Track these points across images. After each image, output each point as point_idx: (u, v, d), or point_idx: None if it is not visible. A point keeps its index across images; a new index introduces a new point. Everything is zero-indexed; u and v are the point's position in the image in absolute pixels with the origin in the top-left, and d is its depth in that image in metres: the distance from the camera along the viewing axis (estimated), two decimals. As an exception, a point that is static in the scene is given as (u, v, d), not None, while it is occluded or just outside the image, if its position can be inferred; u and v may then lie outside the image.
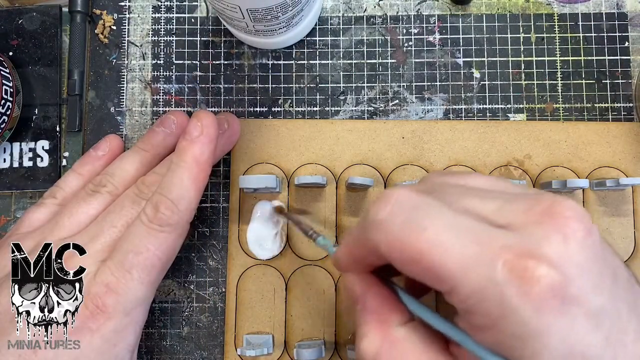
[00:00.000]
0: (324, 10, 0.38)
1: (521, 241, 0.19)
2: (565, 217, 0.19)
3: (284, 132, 0.36)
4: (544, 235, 0.19)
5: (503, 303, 0.18)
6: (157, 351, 0.35)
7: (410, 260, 0.20)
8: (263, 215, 0.35)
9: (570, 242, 0.19)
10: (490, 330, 0.19)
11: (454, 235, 0.19)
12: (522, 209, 0.20)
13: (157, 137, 0.33)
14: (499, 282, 0.18)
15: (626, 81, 0.37)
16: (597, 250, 0.19)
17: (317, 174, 0.35)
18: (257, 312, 0.34)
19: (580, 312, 0.18)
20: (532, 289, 0.18)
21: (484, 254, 0.19)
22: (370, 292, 0.23)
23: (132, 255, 0.28)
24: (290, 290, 0.35)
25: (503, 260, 0.18)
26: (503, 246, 0.19)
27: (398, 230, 0.20)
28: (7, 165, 0.37)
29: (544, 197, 0.20)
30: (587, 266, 0.19)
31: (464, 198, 0.21)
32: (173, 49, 0.38)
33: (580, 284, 0.18)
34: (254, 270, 0.35)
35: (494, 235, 0.19)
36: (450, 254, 0.19)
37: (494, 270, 0.18)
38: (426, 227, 0.19)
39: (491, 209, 0.20)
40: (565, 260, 0.18)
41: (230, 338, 0.34)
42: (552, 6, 0.38)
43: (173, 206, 0.29)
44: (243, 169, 0.36)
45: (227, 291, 0.35)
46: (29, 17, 0.38)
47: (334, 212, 0.35)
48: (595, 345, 0.18)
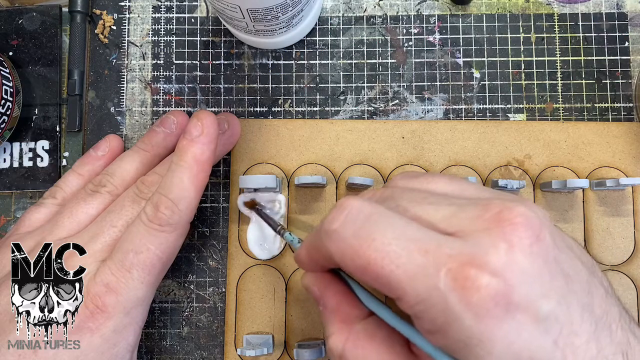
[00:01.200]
0: (324, 10, 0.38)
1: (466, 249, 0.19)
2: (513, 223, 0.19)
3: (284, 132, 0.36)
4: (490, 244, 0.19)
5: (447, 310, 0.19)
6: (157, 351, 0.35)
7: (361, 269, 0.20)
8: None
9: (515, 250, 0.19)
10: (437, 334, 0.20)
11: (401, 246, 0.20)
12: (472, 215, 0.20)
13: (157, 137, 0.33)
14: (442, 290, 0.19)
15: (626, 81, 0.37)
16: (549, 255, 0.19)
17: (317, 174, 0.35)
18: (257, 312, 0.34)
19: (527, 318, 0.19)
20: (473, 297, 0.18)
21: (429, 262, 0.19)
22: (328, 292, 0.25)
23: (133, 255, 0.28)
24: (290, 290, 0.34)
25: (447, 268, 0.19)
26: (448, 255, 0.19)
27: (349, 240, 0.21)
28: (7, 165, 0.37)
29: (494, 203, 0.20)
30: (535, 273, 0.19)
31: (418, 205, 0.22)
32: (173, 49, 0.38)
33: (524, 292, 0.18)
34: (254, 270, 0.35)
35: (441, 244, 0.20)
36: (397, 264, 0.19)
37: (438, 279, 0.19)
38: (375, 238, 0.20)
39: (443, 216, 0.21)
40: (509, 268, 0.18)
41: (230, 338, 0.34)
42: (552, 6, 0.38)
43: (173, 206, 0.29)
44: (243, 169, 0.35)
45: (227, 291, 0.35)
46: (29, 17, 0.38)
47: None
48: (543, 348, 0.19)
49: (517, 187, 0.34)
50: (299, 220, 0.35)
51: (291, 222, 0.35)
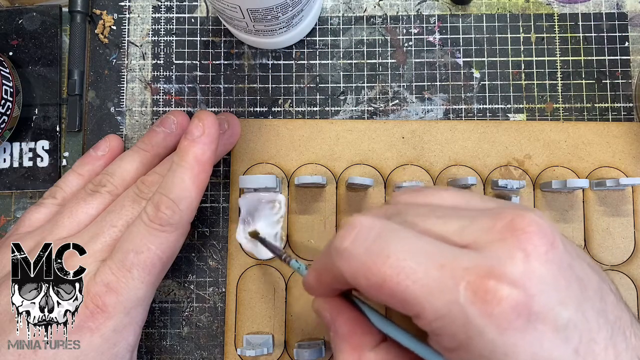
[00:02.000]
0: (324, 10, 0.38)
1: (483, 261, 0.19)
2: (527, 232, 0.19)
3: (284, 132, 0.36)
4: (506, 254, 0.19)
5: (468, 325, 0.18)
6: (157, 351, 0.35)
7: (376, 287, 0.20)
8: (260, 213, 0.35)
9: (532, 258, 0.19)
10: (459, 351, 0.19)
11: (416, 261, 0.19)
12: (484, 227, 0.20)
13: (158, 137, 0.33)
14: (462, 304, 0.18)
15: (626, 81, 0.37)
16: (563, 262, 0.19)
17: (317, 174, 0.35)
18: (257, 312, 0.34)
19: (547, 327, 0.18)
20: (495, 310, 0.18)
21: (446, 277, 0.19)
22: (340, 318, 0.24)
23: (133, 255, 0.28)
24: (290, 290, 0.34)
25: (465, 282, 0.18)
26: (465, 268, 0.19)
27: (362, 258, 0.20)
28: (7, 165, 0.37)
29: (505, 212, 0.20)
30: (552, 280, 0.19)
31: (427, 219, 0.21)
32: (173, 49, 0.38)
33: (544, 300, 0.18)
34: (254, 270, 0.35)
35: (456, 257, 0.19)
36: (414, 280, 0.19)
37: (457, 293, 0.18)
38: (389, 255, 0.20)
39: (454, 229, 0.21)
40: (528, 277, 0.18)
41: (230, 338, 0.34)
42: (552, 6, 0.38)
43: (174, 205, 0.29)
44: (243, 169, 0.35)
45: (227, 291, 0.35)
46: (29, 17, 0.38)
47: (334, 213, 0.35)
48: (565, 359, 0.18)
49: (517, 187, 0.34)
50: (301, 220, 0.35)
51: (293, 221, 0.35)
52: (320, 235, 0.35)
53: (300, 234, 0.35)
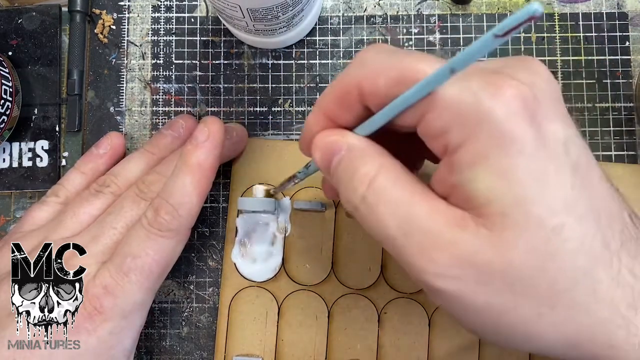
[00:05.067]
0: (324, 10, 0.38)
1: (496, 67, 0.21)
2: (534, 62, 0.21)
3: (286, 154, 0.35)
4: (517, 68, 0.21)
5: (479, 108, 0.19)
6: (156, 351, 0.35)
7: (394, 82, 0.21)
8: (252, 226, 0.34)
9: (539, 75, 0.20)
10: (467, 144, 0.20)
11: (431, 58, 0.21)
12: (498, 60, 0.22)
13: (165, 140, 0.33)
14: (474, 90, 0.19)
15: (627, 81, 0.37)
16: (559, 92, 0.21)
17: (317, 197, 0.35)
18: (247, 334, 0.34)
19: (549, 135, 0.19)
20: (505, 94, 0.19)
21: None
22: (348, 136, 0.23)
23: (131, 259, 0.28)
24: (282, 315, 0.34)
25: (479, 75, 0.20)
26: (479, 68, 0.20)
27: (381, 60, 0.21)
28: (6, 165, 0.37)
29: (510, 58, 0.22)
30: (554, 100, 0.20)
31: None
32: (173, 49, 0.37)
33: (547, 111, 0.20)
34: (248, 291, 0.34)
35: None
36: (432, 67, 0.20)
37: (470, 82, 0.20)
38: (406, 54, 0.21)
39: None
40: (535, 86, 0.20)
41: (219, 359, 0.34)
42: (553, 6, 0.38)
43: (173, 211, 0.28)
44: (242, 188, 0.35)
45: (220, 312, 0.34)
46: (29, 16, 0.38)
47: (331, 238, 0.34)
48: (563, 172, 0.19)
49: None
50: (297, 244, 0.34)
51: (289, 245, 0.34)
52: (316, 260, 0.34)
53: (296, 258, 0.34)
